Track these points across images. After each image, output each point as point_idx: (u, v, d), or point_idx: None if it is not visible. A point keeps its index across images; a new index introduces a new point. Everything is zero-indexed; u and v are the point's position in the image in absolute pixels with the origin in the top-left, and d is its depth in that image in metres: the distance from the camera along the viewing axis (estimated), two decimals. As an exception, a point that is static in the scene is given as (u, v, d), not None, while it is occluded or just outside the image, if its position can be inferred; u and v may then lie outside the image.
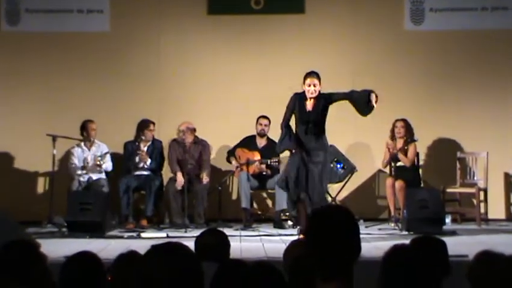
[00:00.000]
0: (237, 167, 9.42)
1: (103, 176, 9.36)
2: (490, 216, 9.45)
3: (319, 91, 7.81)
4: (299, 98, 7.86)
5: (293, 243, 4.00)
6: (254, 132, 9.61)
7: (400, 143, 9.24)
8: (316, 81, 7.81)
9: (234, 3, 10.13)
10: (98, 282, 3.27)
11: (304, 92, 7.83)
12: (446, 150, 9.83)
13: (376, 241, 7.29)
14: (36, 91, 9.90)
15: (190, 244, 3.11)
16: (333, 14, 10.06)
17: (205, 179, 9.25)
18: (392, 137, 9.31)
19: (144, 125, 9.41)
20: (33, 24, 9.98)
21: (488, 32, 9.97)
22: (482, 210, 9.33)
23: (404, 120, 9.32)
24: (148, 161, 9.38)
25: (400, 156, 9.14)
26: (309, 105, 7.82)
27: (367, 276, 3.05)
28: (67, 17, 9.98)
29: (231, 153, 9.64)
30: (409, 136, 9.22)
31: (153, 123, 9.45)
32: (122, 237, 8.15)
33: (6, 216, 6.62)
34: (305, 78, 7.85)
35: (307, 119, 7.84)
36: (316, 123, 7.79)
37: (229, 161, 9.65)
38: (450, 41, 10.00)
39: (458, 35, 10.00)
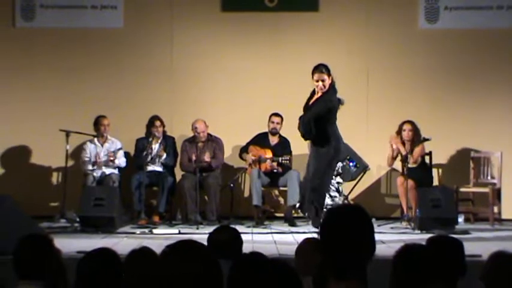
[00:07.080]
0: (250, 164, 9.40)
1: (115, 171, 9.38)
2: (504, 216, 9.40)
3: (331, 85, 7.54)
4: (311, 92, 7.62)
5: (305, 240, 4.00)
6: (267, 130, 9.59)
7: (408, 145, 9.18)
8: (324, 76, 7.52)
9: (248, 0, 10.11)
10: (116, 278, 3.26)
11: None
12: (460, 150, 9.78)
13: (388, 240, 7.25)
14: (49, 86, 9.92)
15: (203, 241, 3.09)
16: (346, 12, 10.02)
17: (207, 158, 9.23)
18: (398, 137, 9.24)
19: (150, 122, 9.44)
20: (48, 20, 10.00)
21: (504, 30, 9.91)
22: (495, 210, 9.28)
23: (411, 123, 9.24)
24: (164, 155, 9.38)
25: (410, 157, 9.10)
26: (313, 100, 7.59)
27: (378, 276, 3.04)
28: (81, 13, 10.00)
29: (243, 150, 9.62)
30: (417, 138, 9.16)
31: (160, 120, 9.44)
32: (134, 233, 8.15)
33: (18, 209, 6.65)
34: (313, 73, 7.59)
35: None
36: (315, 119, 7.50)
37: (242, 158, 9.62)
38: (465, 39, 9.95)
39: (473, 34, 9.94)
